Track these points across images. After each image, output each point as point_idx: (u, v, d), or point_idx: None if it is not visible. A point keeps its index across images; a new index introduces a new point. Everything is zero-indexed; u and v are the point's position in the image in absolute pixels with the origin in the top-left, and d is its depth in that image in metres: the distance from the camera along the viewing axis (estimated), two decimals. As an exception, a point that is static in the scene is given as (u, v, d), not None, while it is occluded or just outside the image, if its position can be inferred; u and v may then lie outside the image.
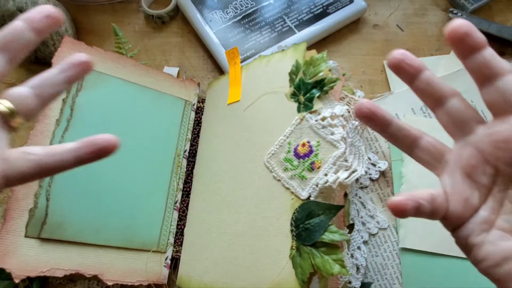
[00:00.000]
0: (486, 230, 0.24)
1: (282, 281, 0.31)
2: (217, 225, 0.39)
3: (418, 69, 0.26)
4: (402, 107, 0.47)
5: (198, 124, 0.48)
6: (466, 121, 0.26)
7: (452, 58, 0.50)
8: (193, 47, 0.55)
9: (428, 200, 0.25)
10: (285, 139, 0.36)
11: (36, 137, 0.39)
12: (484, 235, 0.24)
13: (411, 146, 0.28)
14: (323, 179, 0.32)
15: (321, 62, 0.35)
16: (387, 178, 0.45)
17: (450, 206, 0.25)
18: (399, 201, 0.24)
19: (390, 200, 0.24)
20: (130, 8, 0.57)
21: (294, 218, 0.32)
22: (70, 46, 0.43)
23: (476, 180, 0.25)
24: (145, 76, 0.46)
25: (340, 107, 0.34)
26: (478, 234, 0.24)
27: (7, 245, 0.35)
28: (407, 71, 0.26)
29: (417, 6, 0.55)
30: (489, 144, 0.24)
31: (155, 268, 0.40)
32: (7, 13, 0.47)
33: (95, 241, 0.38)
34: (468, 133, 0.26)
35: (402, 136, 0.28)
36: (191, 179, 0.45)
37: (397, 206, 0.24)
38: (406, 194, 0.24)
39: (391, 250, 0.42)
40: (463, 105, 0.26)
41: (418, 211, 0.24)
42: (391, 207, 0.24)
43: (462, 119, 0.26)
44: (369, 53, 0.52)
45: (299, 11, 0.52)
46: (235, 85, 0.44)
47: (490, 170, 0.25)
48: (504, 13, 0.53)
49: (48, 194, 0.37)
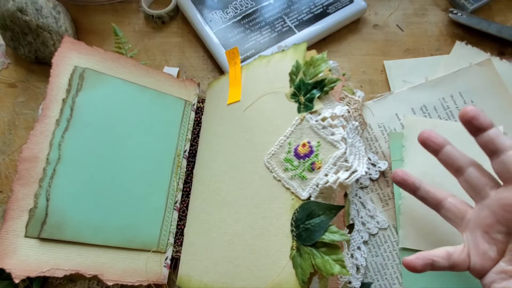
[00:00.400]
0: (505, 279, 0.29)
1: (282, 281, 0.31)
2: (217, 225, 0.39)
3: (441, 145, 0.33)
4: (402, 107, 0.47)
5: (198, 124, 0.48)
6: (482, 187, 0.31)
7: (452, 58, 0.50)
8: (193, 47, 0.55)
9: (443, 257, 0.31)
10: (286, 139, 0.36)
11: (36, 137, 0.39)
12: (505, 283, 0.29)
13: (437, 206, 0.34)
14: (323, 180, 0.32)
15: (322, 63, 0.35)
16: (387, 178, 0.45)
17: (471, 259, 0.30)
18: (410, 260, 0.31)
19: (404, 259, 0.32)
20: (130, 8, 0.57)
21: (295, 218, 0.32)
22: (70, 46, 0.43)
23: (493, 237, 0.30)
24: (145, 76, 0.46)
25: (341, 107, 0.34)
26: (499, 282, 0.29)
27: (7, 245, 0.35)
28: (432, 147, 0.34)
29: (417, 6, 0.55)
30: (499, 207, 0.29)
31: (155, 268, 0.40)
32: (7, 13, 0.47)
33: (95, 241, 0.38)
34: (484, 197, 0.31)
35: (429, 198, 0.35)
36: (191, 179, 0.45)
37: (409, 264, 0.31)
38: (419, 253, 0.31)
39: (391, 250, 0.42)
40: (479, 173, 0.31)
41: (433, 267, 0.31)
42: (404, 265, 0.32)
43: (479, 186, 0.31)
44: (369, 53, 0.52)
45: (299, 11, 0.52)
46: (235, 85, 0.44)
47: (503, 229, 0.29)
48: (504, 13, 0.53)
49: (48, 194, 0.37)
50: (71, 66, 0.42)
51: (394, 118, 0.47)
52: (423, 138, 0.34)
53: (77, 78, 0.42)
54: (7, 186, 0.46)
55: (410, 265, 0.31)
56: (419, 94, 0.47)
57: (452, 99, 0.47)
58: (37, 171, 0.38)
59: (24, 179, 0.37)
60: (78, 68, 0.42)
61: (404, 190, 0.36)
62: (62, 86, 0.41)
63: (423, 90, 0.48)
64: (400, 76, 0.50)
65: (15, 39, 0.49)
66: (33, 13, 0.47)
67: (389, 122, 0.47)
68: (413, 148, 0.44)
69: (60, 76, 0.41)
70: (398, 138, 0.45)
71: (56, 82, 0.41)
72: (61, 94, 0.41)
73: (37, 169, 0.38)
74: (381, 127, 0.47)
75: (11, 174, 0.46)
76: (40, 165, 0.38)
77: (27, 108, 0.50)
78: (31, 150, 0.38)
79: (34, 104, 0.50)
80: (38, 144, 0.38)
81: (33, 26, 0.48)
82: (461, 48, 0.50)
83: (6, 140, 0.48)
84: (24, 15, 0.47)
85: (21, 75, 0.52)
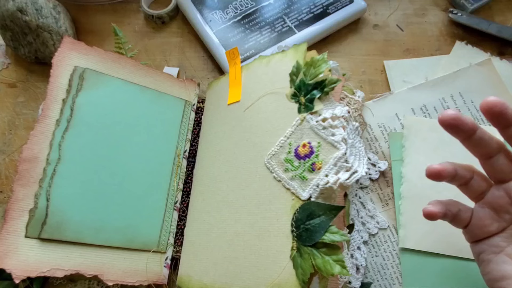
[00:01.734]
0: (495, 252, 0.30)
1: (282, 282, 0.31)
2: (217, 225, 0.39)
3: (474, 128, 0.30)
4: (402, 107, 0.47)
5: (198, 124, 0.48)
6: (506, 174, 0.30)
7: (452, 58, 0.50)
8: (193, 47, 0.55)
9: (454, 206, 0.32)
10: (286, 139, 0.36)
11: (36, 137, 0.39)
12: (492, 256, 0.30)
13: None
14: (323, 180, 0.32)
15: (322, 63, 0.35)
16: (387, 178, 0.45)
17: (471, 223, 0.32)
18: (429, 210, 0.32)
19: (424, 209, 0.32)
20: (130, 8, 0.57)
21: (295, 218, 0.32)
22: (70, 46, 0.43)
23: (500, 216, 0.31)
24: (145, 76, 0.46)
25: (341, 108, 0.34)
26: (488, 254, 0.31)
27: (7, 246, 0.35)
28: (465, 131, 0.30)
29: (417, 6, 0.55)
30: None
31: (155, 268, 0.40)
32: (7, 13, 0.47)
33: (95, 241, 0.38)
34: (505, 181, 0.31)
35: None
36: (191, 179, 0.45)
37: (429, 213, 0.32)
38: (435, 202, 0.33)
39: (391, 250, 0.42)
40: (506, 161, 0.30)
41: (446, 215, 0.32)
42: (425, 214, 0.32)
43: (504, 171, 0.31)
44: (369, 53, 0.52)
45: (299, 11, 0.52)
46: (235, 85, 0.44)
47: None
48: (504, 13, 0.53)
49: (48, 194, 0.37)
50: (71, 66, 0.42)
51: (394, 118, 0.47)
52: (450, 121, 0.29)
53: (77, 78, 0.42)
54: (7, 186, 0.46)
55: (431, 214, 0.32)
56: (419, 94, 0.48)
57: (452, 99, 0.47)
58: (37, 172, 0.38)
59: (24, 180, 0.37)
60: (78, 68, 0.42)
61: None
62: (62, 86, 0.41)
63: (423, 90, 0.48)
64: (400, 76, 0.50)
65: (15, 39, 0.49)
66: (33, 13, 0.47)
67: (389, 122, 0.47)
68: (413, 148, 0.44)
69: (60, 76, 0.41)
70: (398, 138, 0.45)
71: (56, 82, 0.41)
72: (61, 94, 0.41)
73: (37, 169, 0.38)
74: (381, 127, 0.47)
75: (11, 174, 0.46)
76: (40, 166, 0.38)
77: (27, 108, 0.50)
78: (31, 151, 0.38)
79: (34, 104, 0.50)
80: (38, 144, 0.38)
81: (33, 26, 0.47)
82: (461, 48, 0.50)
83: (6, 140, 0.48)
84: (24, 15, 0.47)
85: (21, 75, 0.52)
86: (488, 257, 0.31)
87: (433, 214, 0.32)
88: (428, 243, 0.40)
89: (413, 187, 0.42)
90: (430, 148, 0.44)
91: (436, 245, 0.40)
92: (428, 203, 0.33)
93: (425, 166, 0.43)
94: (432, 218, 0.32)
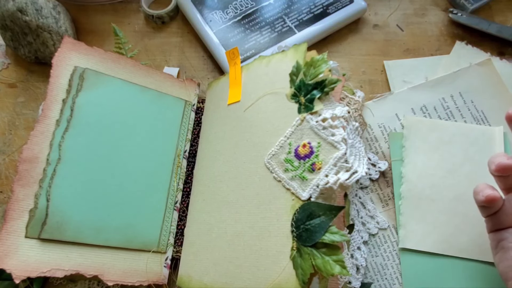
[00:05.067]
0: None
1: (282, 282, 0.31)
2: (217, 226, 0.39)
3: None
4: (402, 107, 0.47)
5: (198, 124, 0.48)
6: None
7: (452, 58, 0.50)
8: (193, 47, 0.55)
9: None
10: (286, 140, 0.36)
11: (36, 137, 0.39)
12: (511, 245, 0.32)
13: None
14: (323, 180, 0.32)
15: (322, 63, 0.35)
16: (387, 178, 0.45)
17: (500, 211, 0.33)
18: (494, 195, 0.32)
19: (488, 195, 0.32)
20: (130, 8, 0.57)
21: (295, 219, 0.32)
22: (70, 46, 0.43)
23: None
24: (145, 77, 0.46)
25: (341, 108, 0.34)
26: (510, 242, 0.32)
27: (8, 246, 0.35)
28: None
29: (417, 6, 0.55)
30: None
31: (155, 268, 0.40)
32: (7, 13, 0.47)
33: (96, 242, 0.38)
34: None
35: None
36: (191, 179, 0.45)
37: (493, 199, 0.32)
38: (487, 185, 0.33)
39: (391, 251, 0.42)
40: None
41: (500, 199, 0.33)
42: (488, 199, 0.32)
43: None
44: (369, 53, 0.52)
45: (299, 11, 0.52)
46: (235, 85, 0.44)
47: None
48: (504, 13, 0.53)
49: (48, 194, 0.37)
50: (71, 66, 0.42)
51: (394, 118, 0.47)
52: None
53: (77, 78, 0.42)
54: (7, 186, 0.46)
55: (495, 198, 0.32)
56: (419, 94, 0.48)
57: (452, 99, 0.47)
58: (37, 172, 0.38)
59: (25, 180, 0.37)
60: (78, 68, 0.42)
61: (500, 178, 0.33)
62: (62, 86, 0.41)
63: (423, 90, 0.48)
64: (400, 76, 0.50)
65: (15, 39, 0.49)
66: (33, 13, 0.47)
67: (389, 122, 0.47)
68: (413, 148, 0.44)
69: (60, 76, 0.41)
70: (398, 138, 0.45)
71: (56, 83, 0.41)
72: (61, 94, 0.41)
73: (37, 169, 0.38)
74: (381, 127, 0.47)
75: (11, 174, 0.46)
76: (40, 166, 0.38)
77: (27, 108, 0.50)
78: (31, 151, 0.38)
79: (34, 104, 0.50)
80: (38, 144, 0.38)
81: (33, 26, 0.47)
82: (461, 48, 0.50)
83: (6, 140, 0.48)
84: (24, 15, 0.47)
85: (21, 75, 0.52)
86: (510, 245, 0.32)
87: (497, 199, 0.32)
88: (428, 243, 0.40)
89: (413, 187, 0.42)
90: (430, 148, 0.44)
91: (436, 245, 0.40)
92: (480, 188, 0.33)
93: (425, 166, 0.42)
94: (494, 202, 0.32)
